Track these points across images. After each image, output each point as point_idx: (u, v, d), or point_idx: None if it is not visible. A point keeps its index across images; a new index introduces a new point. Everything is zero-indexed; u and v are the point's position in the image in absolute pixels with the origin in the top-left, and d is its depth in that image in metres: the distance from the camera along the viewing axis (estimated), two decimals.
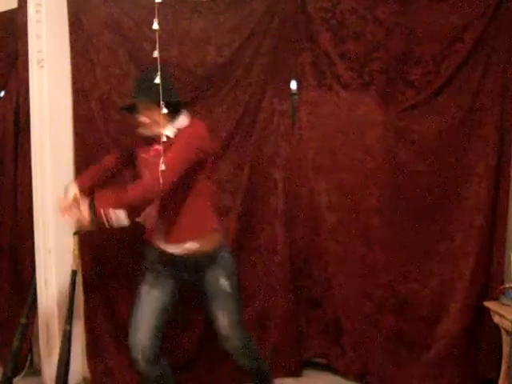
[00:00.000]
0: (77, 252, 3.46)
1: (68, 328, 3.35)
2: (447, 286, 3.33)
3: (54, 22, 3.32)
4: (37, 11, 3.26)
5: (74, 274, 3.42)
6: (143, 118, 2.72)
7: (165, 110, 3.22)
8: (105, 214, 2.42)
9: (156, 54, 3.11)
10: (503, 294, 3.04)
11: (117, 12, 3.40)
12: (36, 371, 3.61)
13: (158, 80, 3.20)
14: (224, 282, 2.79)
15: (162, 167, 2.19)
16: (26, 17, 3.30)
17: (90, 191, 2.80)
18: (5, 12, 3.69)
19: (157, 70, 2.13)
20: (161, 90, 3.21)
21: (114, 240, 3.51)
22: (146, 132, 2.76)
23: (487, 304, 3.10)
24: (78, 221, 2.52)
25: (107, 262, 3.51)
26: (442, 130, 3.32)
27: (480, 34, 3.21)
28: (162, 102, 3.19)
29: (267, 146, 3.55)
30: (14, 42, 3.54)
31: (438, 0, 3.27)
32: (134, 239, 3.53)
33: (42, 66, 3.29)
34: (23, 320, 3.44)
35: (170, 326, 3.55)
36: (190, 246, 2.73)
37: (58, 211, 2.70)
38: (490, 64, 3.23)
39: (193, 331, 3.55)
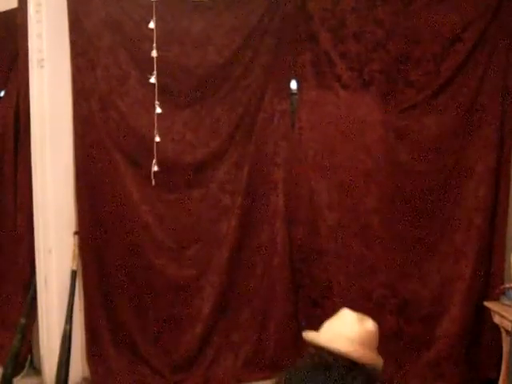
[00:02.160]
0: (77, 252, 3.46)
1: (68, 328, 3.35)
2: (447, 286, 3.33)
3: (54, 22, 3.32)
4: (37, 11, 3.26)
5: (73, 274, 3.42)
6: None
7: (158, 110, 3.24)
8: None
9: (154, 53, 3.14)
10: (503, 294, 3.04)
11: (117, 12, 3.40)
12: (36, 371, 3.61)
13: (153, 80, 3.21)
14: None
15: None
16: (26, 17, 3.30)
17: None
18: (5, 12, 3.69)
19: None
20: (156, 89, 3.22)
21: (114, 240, 3.51)
22: None
23: (487, 304, 3.10)
24: None
25: (107, 261, 3.51)
26: (442, 129, 3.32)
27: (480, 34, 3.21)
28: (156, 102, 3.21)
29: (267, 146, 3.55)
30: (13, 42, 3.54)
31: (438, 0, 3.27)
32: (133, 240, 3.54)
33: (42, 66, 3.29)
34: (23, 320, 3.44)
35: (170, 325, 3.58)
36: None
37: None
38: (490, 64, 3.23)
39: (193, 331, 3.55)
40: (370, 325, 1.88)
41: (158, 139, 3.30)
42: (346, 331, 1.82)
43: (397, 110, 3.36)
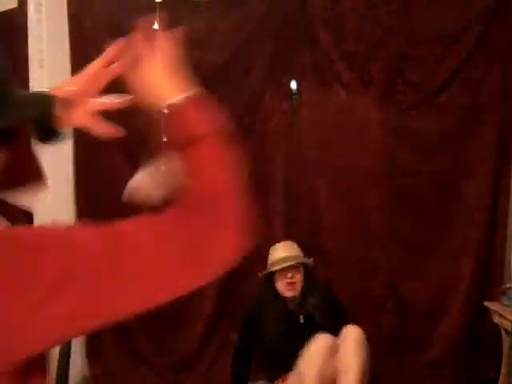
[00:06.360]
0: None
1: None
2: (447, 286, 3.33)
3: (54, 22, 3.33)
4: (37, 11, 3.26)
5: None
6: None
7: (165, 111, 3.24)
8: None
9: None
10: (504, 294, 3.04)
11: (117, 12, 3.40)
12: None
13: None
14: None
15: None
16: (26, 17, 3.30)
17: None
18: (5, 12, 3.69)
19: None
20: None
21: None
22: None
23: (487, 304, 3.10)
24: None
25: None
26: (442, 129, 3.32)
27: (480, 34, 3.22)
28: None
29: (267, 145, 3.55)
30: (13, 42, 3.54)
31: (438, 0, 3.28)
32: None
33: (41, 66, 3.29)
34: None
35: (170, 325, 3.58)
36: None
37: None
38: (490, 64, 3.23)
39: (193, 330, 3.55)
40: None
41: (165, 139, 3.29)
42: None
43: (397, 110, 3.37)
